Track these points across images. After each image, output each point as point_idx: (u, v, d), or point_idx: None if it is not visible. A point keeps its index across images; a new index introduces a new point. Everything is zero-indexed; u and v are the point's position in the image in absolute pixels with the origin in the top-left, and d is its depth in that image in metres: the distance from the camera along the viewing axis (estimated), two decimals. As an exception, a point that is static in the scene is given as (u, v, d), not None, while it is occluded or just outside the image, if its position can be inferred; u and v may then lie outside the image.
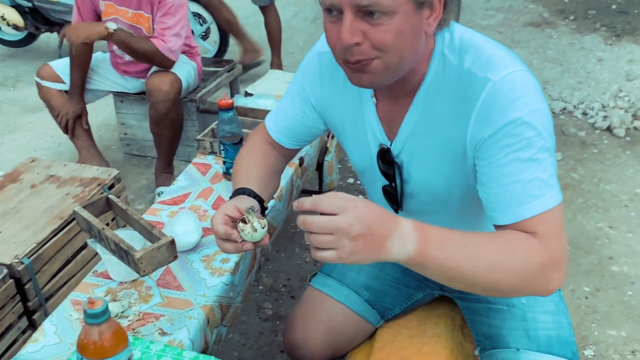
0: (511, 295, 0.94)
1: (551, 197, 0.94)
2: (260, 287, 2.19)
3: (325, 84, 1.18)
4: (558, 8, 5.40)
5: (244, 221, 1.04)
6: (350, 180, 2.91)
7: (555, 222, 0.94)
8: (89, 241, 1.33)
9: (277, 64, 3.83)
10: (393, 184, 1.14)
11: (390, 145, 1.11)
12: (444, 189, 1.09)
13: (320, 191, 2.35)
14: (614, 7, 5.37)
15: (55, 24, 4.07)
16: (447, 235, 0.90)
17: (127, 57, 2.70)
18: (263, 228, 1.04)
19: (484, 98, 0.93)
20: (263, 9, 3.73)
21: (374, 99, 1.10)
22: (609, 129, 3.35)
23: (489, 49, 0.97)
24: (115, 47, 2.68)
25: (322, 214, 0.85)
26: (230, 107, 1.62)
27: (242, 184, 1.19)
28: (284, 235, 2.47)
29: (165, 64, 2.54)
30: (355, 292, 1.37)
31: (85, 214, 1.30)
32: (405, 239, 0.87)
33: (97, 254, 1.89)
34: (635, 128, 3.36)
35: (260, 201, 1.16)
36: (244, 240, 1.04)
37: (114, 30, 2.42)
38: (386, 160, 1.12)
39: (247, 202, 1.11)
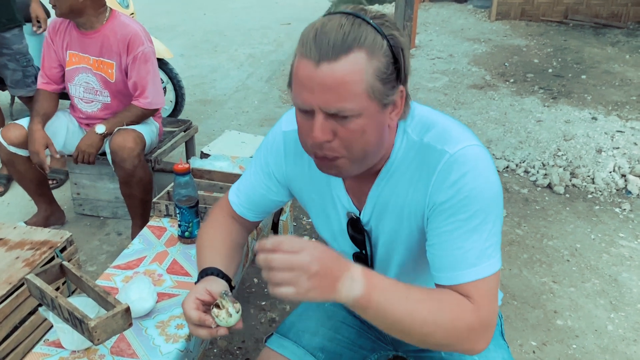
0: (441, 349, 1.02)
1: (487, 266, 1.01)
2: (215, 350, 2.16)
3: (290, 161, 1.24)
4: (499, 71, 5.73)
5: (217, 306, 1.05)
6: (305, 238, 2.94)
7: (487, 289, 1.01)
8: (41, 309, 1.32)
9: None
10: (363, 251, 1.20)
11: (359, 214, 1.17)
12: (404, 251, 1.16)
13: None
14: (550, 70, 5.74)
15: None
16: (391, 285, 0.97)
17: (90, 110, 2.71)
18: (238, 312, 1.05)
19: (441, 167, 1.02)
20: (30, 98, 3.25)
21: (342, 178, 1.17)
22: (549, 187, 3.53)
23: (446, 124, 1.07)
24: (76, 101, 2.71)
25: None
26: (186, 172, 1.65)
27: (207, 262, 1.21)
28: (239, 296, 2.47)
29: (154, 113, 2.69)
30: (310, 354, 1.38)
31: (38, 282, 1.29)
32: (354, 283, 0.93)
33: (46, 319, 1.84)
34: (573, 185, 3.55)
35: (229, 280, 1.19)
36: (218, 326, 1.05)
37: (105, 130, 2.54)
38: (356, 228, 1.18)
39: (218, 285, 1.13)
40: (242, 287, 2.52)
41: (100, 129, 2.54)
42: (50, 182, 3.42)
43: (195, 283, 1.17)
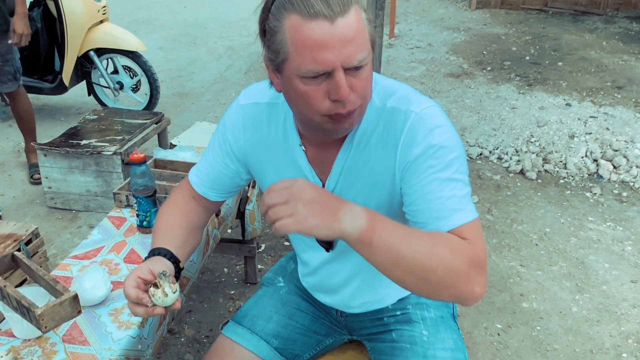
0: (440, 292, 0.98)
1: (469, 211, 1.04)
2: (182, 339, 2.18)
3: (249, 134, 1.24)
4: (477, 60, 5.76)
5: (155, 285, 1.06)
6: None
7: (477, 230, 1.03)
8: (-8, 299, 1.32)
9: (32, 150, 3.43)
10: None
11: (323, 185, 1.18)
12: None
13: (243, 239, 2.39)
14: (527, 58, 5.78)
15: None
16: (391, 220, 0.97)
17: None
18: (174, 293, 1.06)
19: (409, 126, 1.06)
20: (10, 94, 3.29)
21: (303, 147, 1.17)
22: (522, 172, 3.57)
23: (407, 90, 1.12)
24: None
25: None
26: (142, 161, 1.65)
27: (159, 243, 1.21)
28: (208, 285, 2.48)
29: None
30: (264, 340, 1.39)
31: (-13, 272, 1.30)
32: (356, 214, 0.93)
33: None
34: (545, 171, 3.59)
35: (177, 261, 1.20)
36: (154, 305, 1.06)
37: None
38: None
39: (160, 265, 1.14)
40: (211, 277, 2.53)
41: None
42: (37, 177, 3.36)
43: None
